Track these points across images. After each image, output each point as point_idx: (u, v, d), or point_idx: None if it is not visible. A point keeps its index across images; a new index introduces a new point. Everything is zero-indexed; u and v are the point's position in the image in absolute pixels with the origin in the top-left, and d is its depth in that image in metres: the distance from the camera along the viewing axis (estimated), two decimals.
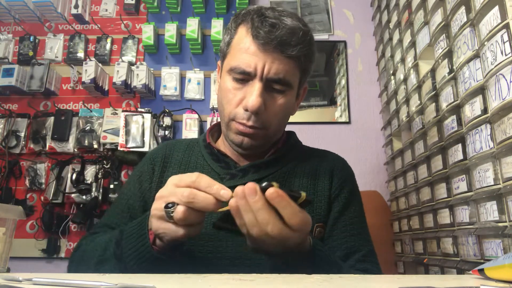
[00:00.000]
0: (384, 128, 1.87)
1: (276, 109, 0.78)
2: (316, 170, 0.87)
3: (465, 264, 1.00)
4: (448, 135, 1.10)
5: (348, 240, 0.81)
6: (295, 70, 0.78)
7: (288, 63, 0.76)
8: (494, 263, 0.43)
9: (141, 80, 1.91)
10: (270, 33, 0.73)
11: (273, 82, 0.76)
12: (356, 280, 0.49)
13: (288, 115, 0.85)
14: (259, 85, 0.75)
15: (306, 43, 0.77)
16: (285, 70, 0.76)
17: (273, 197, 0.53)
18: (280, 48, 0.74)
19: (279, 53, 0.74)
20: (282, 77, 0.75)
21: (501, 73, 0.81)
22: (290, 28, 0.74)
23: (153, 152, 0.93)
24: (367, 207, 0.90)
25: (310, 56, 0.81)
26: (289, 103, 0.81)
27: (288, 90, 0.79)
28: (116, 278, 0.50)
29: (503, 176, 0.82)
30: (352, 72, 2.05)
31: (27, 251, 1.83)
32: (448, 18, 1.07)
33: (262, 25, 0.74)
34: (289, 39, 0.74)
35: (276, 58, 0.74)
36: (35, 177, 1.89)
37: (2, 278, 0.43)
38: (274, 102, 0.78)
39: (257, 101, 0.74)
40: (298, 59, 0.77)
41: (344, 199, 0.84)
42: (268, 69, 0.74)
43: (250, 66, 0.74)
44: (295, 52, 0.75)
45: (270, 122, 0.78)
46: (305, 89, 0.90)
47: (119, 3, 2.13)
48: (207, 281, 0.46)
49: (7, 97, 2.02)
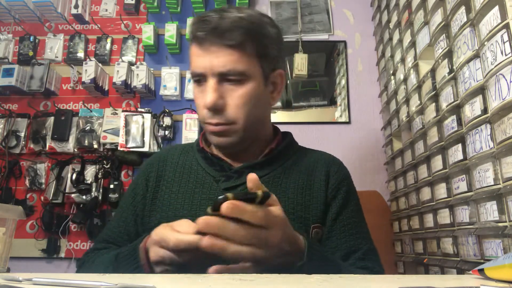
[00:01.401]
0: (384, 128, 1.87)
1: (237, 101, 0.77)
2: (312, 171, 0.87)
3: (465, 264, 1.00)
4: (448, 135, 1.10)
5: (348, 239, 0.81)
6: (244, 57, 0.77)
7: (232, 53, 0.75)
8: (494, 263, 0.43)
9: (141, 80, 1.91)
10: (204, 29, 0.75)
11: (225, 75, 0.76)
12: (356, 280, 0.49)
13: (258, 106, 0.81)
14: (212, 81, 0.76)
15: (245, 28, 0.76)
16: (232, 60, 0.75)
17: (228, 211, 0.53)
18: (218, 40, 0.75)
19: (220, 46, 0.75)
20: (231, 68, 0.75)
21: (501, 73, 0.81)
22: (221, 19, 0.75)
23: (147, 163, 0.94)
24: (367, 207, 0.90)
25: (261, 38, 0.79)
26: (252, 93, 0.78)
27: (245, 80, 0.77)
28: (116, 278, 0.50)
29: (503, 176, 0.82)
30: (352, 72, 2.05)
31: (27, 251, 1.83)
32: (448, 18, 1.07)
33: (198, 27, 0.76)
34: (222, 28, 0.74)
35: (218, 51, 0.75)
36: (35, 177, 1.89)
37: (2, 278, 0.43)
38: (233, 95, 0.77)
39: (210, 97, 0.75)
40: (242, 46, 0.76)
41: (341, 199, 0.84)
42: (215, 64, 0.76)
43: (199, 67, 0.77)
44: (234, 40, 0.75)
45: (235, 115, 0.78)
46: (280, 75, 0.86)
47: (119, 3, 2.13)
48: (207, 281, 0.46)
49: (7, 97, 2.02)
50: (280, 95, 0.88)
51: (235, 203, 0.53)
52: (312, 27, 2.10)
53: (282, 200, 0.80)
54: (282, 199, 0.80)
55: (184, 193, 0.83)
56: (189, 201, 0.81)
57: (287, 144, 0.90)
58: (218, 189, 0.82)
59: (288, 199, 0.82)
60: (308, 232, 0.79)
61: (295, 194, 0.82)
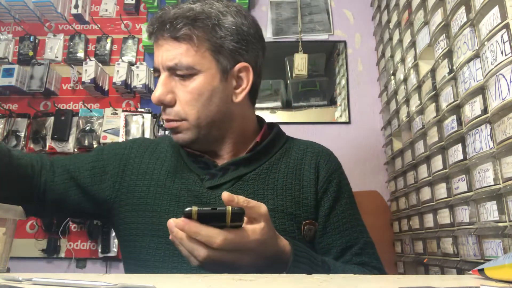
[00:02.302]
0: (384, 128, 1.87)
1: (187, 97, 0.75)
2: (301, 164, 0.83)
3: (465, 264, 1.00)
4: (448, 135, 1.10)
5: (343, 235, 0.79)
6: (191, 51, 0.73)
7: (180, 46, 0.73)
8: (494, 263, 0.43)
9: (141, 80, 1.91)
10: (154, 24, 0.75)
11: (173, 69, 0.75)
12: (356, 280, 0.49)
13: (213, 102, 0.76)
14: (163, 75, 0.76)
15: (190, 18, 0.73)
16: (180, 54, 0.73)
17: (182, 228, 0.54)
18: (167, 33, 0.74)
19: (168, 39, 0.74)
20: (178, 62, 0.73)
21: (501, 73, 0.81)
22: (173, 12, 0.74)
23: (118, 143, 0.91)
24: (367, 207, 0.90)
25: (211, 32, 0.74)
26: (202, 88, 0.74)
27: (195, 73, 0.74)
28: (116, 278, 0.50)
29: (503, 176, 0.82)
30: (352, 72, 2.05)
31: (27, 251, 1.83)
32: (448, 18, 1.07)
33: (152, 20, 0.76)
34: (169, 21, 0.73)
35: (167, 45, 0.75)
36: None
37: (2, 278, 0.43)
38: (184, 90, 0.75)
39: (155, 92, 0.75)
40: (189, 38, 0.73)
41: (333, 193, 0.81)
42: (164, 58, 0.75)
43: (155, 62, 0.78)
44: (180, 31, 0.72)
45: (185, 111, 0.75)
46: (245, 68, 0.78)
47: (119, 3, 2.13)
48: (207, 281, 0.46)
49: (7, 97, 2.02)
50: (247, 89, 0.79)
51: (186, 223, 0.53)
52: (312, 27, 2.10)
53: (270, 197, 0.78)
54: (270, 196, 0.78)
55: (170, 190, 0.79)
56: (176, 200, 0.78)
57: (273, 136, 0.85)
58: (202, 188, 0.79)
59: (277, 196, 0.78)
60: (300, 229, 0.77)
61: (284, 190, 0.79)
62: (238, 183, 0.79)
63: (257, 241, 0.57)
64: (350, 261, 0.78)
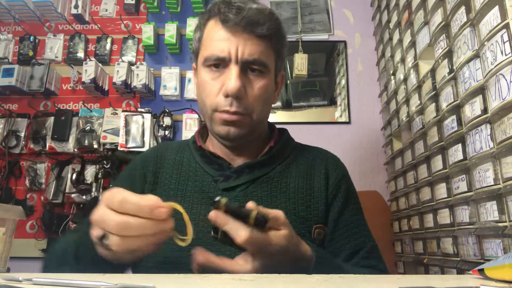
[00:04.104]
0: (384, 128, 1.87)
1: (256, 93, 0.77)
2: (311, 170, 0.85)
3: (465, 264, 1.00)
4: (448, 135, 1.10)
5: (351, 239, 0.80)
6: (268, 50, 0.78)
7: (261, 43, 0.76)
8: (494, 263, 0.43)
9: (141, 80, 1.91)
10: (238, 15, 0.74)
11: (249, 64, 0.75)
12: (356, 280, 0.49)
13: (269, 102, 0.82)
14: (236, 68, 0.74)
15: (274, 22, 0.78)
16: (259, 51, 0.76)
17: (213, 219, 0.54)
18: (250, 28, 0.74)
19: (250, 33, 0.75)
20: (257, 58, 0.75)
21: (501, 73, 0.81)
22: (256, 9, 0.76)
23: (143, 155, 0.90)
24: (367, 207, 0.90)
25: (281, 37, 0.81)
26: (269, 86, 0.79)
27: (265, 73, 0.78)
28: (116, 278, 0.50)
29: (503, 176, 0.82)
30: (352, 72, 2.05)
31: (27, 251, 1.83)
32: (448, 18, 1.07)
33: (229, 10, 0.75)
34: (257, 18, 0.75)
35: (248, 39, 0.75)
36: (35, 177, 1.89)
37: (2, 278, 0.43)
38: (253, 86, 0.77)
39: (236, 84, 0.73)
40: (270, 38, 0.77)
41: (342, 198, 0.83)
42: (242, 51, 0.74)
43: (223, 51, 0.74)
44: (265, 30, 0.75)
45: (252, 106, 0.77)
46: (282, 76, 0.89)
47: (119, 3, 2.13)
48: (207, 281, 0.46)
49: (7, 97, 2.02)
50: (278, 96, 0.89)
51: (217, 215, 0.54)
52: (312, 27, 2.10)
53: (283, 201, 0.79)
54: (283, 200, 0.80)
55: (183, 192, 0.80)
56: (189, 202, 0.79)
57: (284, 141, 0.89)
58: (216, 189, 0.79)
59: (289, 200, 0.80)
60: (311, 232, 0.79)
61: (295, 194, 0.81)
62: (251, 186, 0.80)
63: (280, 247, 0.57)
64: (358, 264, 0.79)
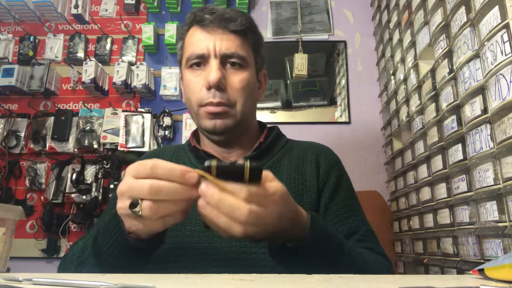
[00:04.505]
0: (384, 128, 1.87)
1: (238, 85, 0.80)
2: (303, 161, 0.87)
3: (465, 264, 1.00)
4: (448, 135, 1.10)
5: (343, 223, 0.80)
6: (245, 45, 0.83)
7: (236, 38, 0.81)
8: (494, 263, 0.43)
9: (141, 80, 1.92)
10: (212, 14, 0.81)
11: (228, 57, 0.80)
12: (356, 280, 0.49)
13: (252, 96, 0.85)
14: (215, 61, 0.79)
15: (245, 18, 0.83)
16: (236, 45, 0.81)
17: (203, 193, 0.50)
18: (224, 24, 0.80)
19: (225, 29, 0.81)
20: (234, 51, 0.80)
21: (501, 73, 0.81)
22: (229, 8, 0.84)
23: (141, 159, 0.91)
24: (367, 207, 0.90)
25: (256, 34, 0.86)
26: (250, 80, 0.83)
27: (245, 66, 0.82)
28: (116, 278, 0.50)
29: (503, 176, 0.82)
30: (352, 72, 2.05)
31: (27, 251, 1.83)
32: (448, 18, 1.07)
33: (204, 13, 0.82)
34: (229, 15, 0.81)
35: (223, 34, 0.81)
36: (35, 177, 1.89)
37: (2, 278, 0.43)
38: (234, 78, 0.81)
39: (216, 74, 0.77)
40: (245, 34, 0.83)
41: (333, 184, 0.84)
42: (220, 46, 0.80)
43: (202, 49, 0.80)
44: (238, 26, 0.81)
45: (235, 98, 0.80)
46: (264, 75, 0.93)
47: (119, 3, 2.13)
48: (207, 281, 0.46)
49: (7, 97, 2.02)
50: (263, 94, 0.92)
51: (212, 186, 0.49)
52: (312, 27, 2.10)
53: None
54: None
55: None
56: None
57: (274, 137, 0.91)
58: None
59: None
60: None
61: (288, 185, 0.81)
62: None
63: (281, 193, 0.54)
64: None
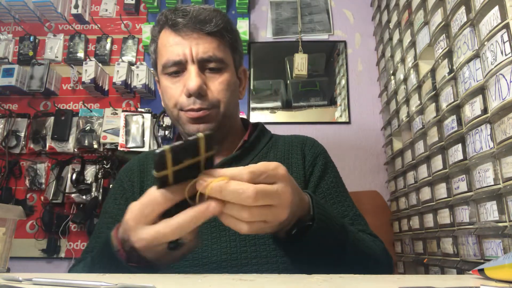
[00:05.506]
0: (384, 128, 1.87)
1: (218, 87, 0.79)
2: (289, 154, 0.87)
3: (465, 264, 1.00)
4: (448, 135, 1.10)
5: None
6: (222, 46, 0.80)
7: (212, 41, 0.78)
8: (494, 263, 0.43)
9: (141, 80, 1.92)
10: (185, 17, 0.77)
11: (206, 62, 0.78)
12: (356, 280, 0.49)
13: (234, 95, 0.84)
14: (194, 67, 0.77)
15: (220, 17, 0.79)
16: (213, 47, 0.78)
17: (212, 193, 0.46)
18: (199, 26, 0.77)
19: (200, 32, 0.77)
20: (212, 55, 0.77)
21: (501, 73, 0.81)
22: (201, 8, 0.79)
23: (126, 167, 0.91)
24: (367, 207, 0.90)
25: (232, 32, 0.83)
26: (231, 81, 0.81)
27: (224, 68, 0.80)
28: (116, 278, 0.50)
29: (503, 176, 0.82)
30: (352, 72, 2.05)
31: (27, 251, 1.83)
32: (448, 18, 1.07)
33: (175, 15, 0.78)
34: (203, 16, 0.77)
35: (199, 38, 0.77)
36: (35, 177, 1.89)
37: (2, 278, 0.43)
38: (214, 81, 0.79)
39: (196, 82, 0.75)
40: (221, 34, 0.79)
41: (318, 172, 0.84)
42: (196, 51, 0.77)
43: (178, 55, 0.77)
44: (214, 27, 0.78)
45: (217, 100, 0.79)
46: (244, 72, 0.91)
47: (119, 3, 2.13)
48: (207, 281, 0.46)
49: (7, 97, 2.02)
50: (244, 91, 0.91)
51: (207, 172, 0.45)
52: (312, 27, 2.10)
53: None
54: None
55: None
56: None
57: (258, 133, 0.91)
58: None
59: None
60: None
61: None
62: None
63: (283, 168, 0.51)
64: None
